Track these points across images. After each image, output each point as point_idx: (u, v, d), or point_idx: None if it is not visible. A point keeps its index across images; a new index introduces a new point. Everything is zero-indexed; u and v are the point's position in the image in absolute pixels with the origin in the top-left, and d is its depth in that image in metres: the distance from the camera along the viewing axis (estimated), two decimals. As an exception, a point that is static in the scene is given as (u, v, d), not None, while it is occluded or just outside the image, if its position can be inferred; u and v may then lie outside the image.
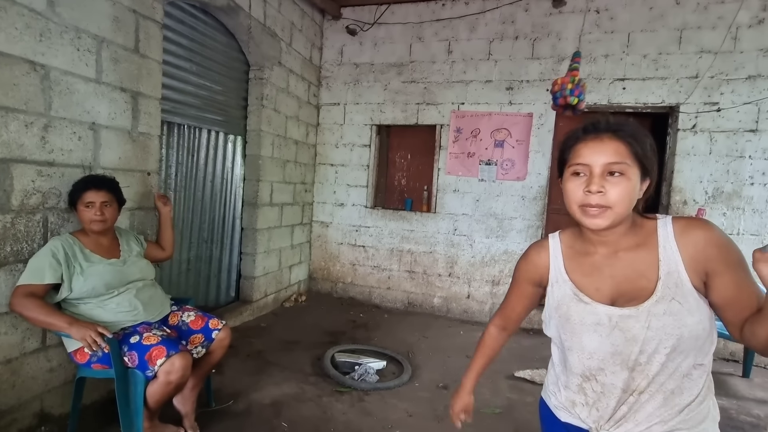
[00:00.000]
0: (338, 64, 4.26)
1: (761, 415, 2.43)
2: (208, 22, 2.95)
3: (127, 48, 2.13)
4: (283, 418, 2.09)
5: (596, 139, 0.79)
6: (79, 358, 1.68)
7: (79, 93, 1.91)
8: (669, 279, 0.77)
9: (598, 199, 0.76)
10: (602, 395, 0.83)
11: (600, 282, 0.83)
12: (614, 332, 0.80)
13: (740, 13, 3.16)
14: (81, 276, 1.66)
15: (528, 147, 3.73)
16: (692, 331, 0.75)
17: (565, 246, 0.91)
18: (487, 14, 3.77)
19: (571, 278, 0.87)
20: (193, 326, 1.91)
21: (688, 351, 0.77)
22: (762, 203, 3.22)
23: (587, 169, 0.78)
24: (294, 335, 3.22)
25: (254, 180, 3.49)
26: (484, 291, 3.92)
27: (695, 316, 0.75)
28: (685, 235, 0.77)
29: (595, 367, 0.83)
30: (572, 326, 0.85)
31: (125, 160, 2.17)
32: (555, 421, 0.93)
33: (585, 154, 0.79)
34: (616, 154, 0.76)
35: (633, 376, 0.80)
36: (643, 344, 0.78)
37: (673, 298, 0.76)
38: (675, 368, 0.78)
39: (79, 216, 1.76)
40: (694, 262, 0.75)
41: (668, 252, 0.78)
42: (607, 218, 0.77)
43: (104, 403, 2.02)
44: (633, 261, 0.81)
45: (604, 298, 0.82)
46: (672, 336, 0.75)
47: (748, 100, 3.20)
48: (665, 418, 0.79)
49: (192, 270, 3.07)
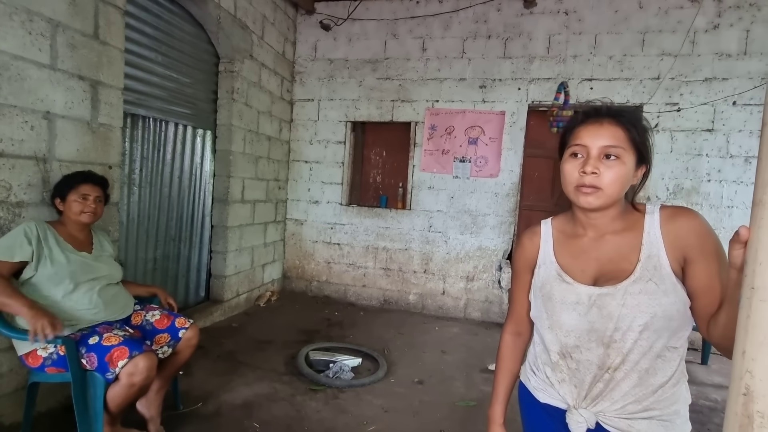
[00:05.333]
0: (312, 59, 4.20)
1: (718, 399, 2.56)
2: (175, 11, 2.84)
3: (85, 34, 2.01)
4: (254, 418, 2.03)
5: (596, 122, 0.81)
6: (31, 362, 1.57)
7: (31, 79, 1.79)
8: (648, 262, 0.79)
9: (592, 179, 0.78)
10: (577, 372, 0.85)
11: (585, 264, 0.86)
12: (592, 310, 0.82)
13: (697, 19, 3.33)
14: (48, 260, 1.60)
15: (501, 144, 3.80)
16: (666, 311, 0.77)
17: (556, 231, 0.94)
18: (461, 13, 3.81)
19: (558, 260, 0.90)
20: (158, 325, 1.83)
21: (661, 330, 0.79)
22: (718, 199, 3.40)
23: (585, 151, 0.81)
24: (267, 335, 3.15)
25: (225, 176, 3.38)
26: (458, 287, 3.96)
27: (670, 297, 0.78)
28: (669, 222, 0.80)
29: (572, 344, 0.86)
30: (553, 305, 0.87)
31: (84, 152, 2.05)
32: (534, 402, 0.94)
33: (583, 136, 0.81)
34: (613, 138, 0.79)
35: (608, 353, 0.82)
36: (618, 321, 0.80)
37: (650, 279, 0.78)
38: (648, 347, 0.80)
39: (67, 207, 1.71)
40: (674, 247, 0.78)
41: (651, 237, 0.80)
42: (598, 198, 0.79)
43: (61, 409, 1.91)
44: (618, 244, 0.83)
45: (587, 279, 0.85)
46: (645, 314, 0.78)
47: (705, 101, 3.37)
48: (639, 397, 0.81)
49: (159, 269, 2.94)
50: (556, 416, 0.89)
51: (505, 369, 1.02)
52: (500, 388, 1.02)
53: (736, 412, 0.54)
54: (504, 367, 1.03)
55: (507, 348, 1.03)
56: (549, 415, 0.91)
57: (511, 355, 1.03)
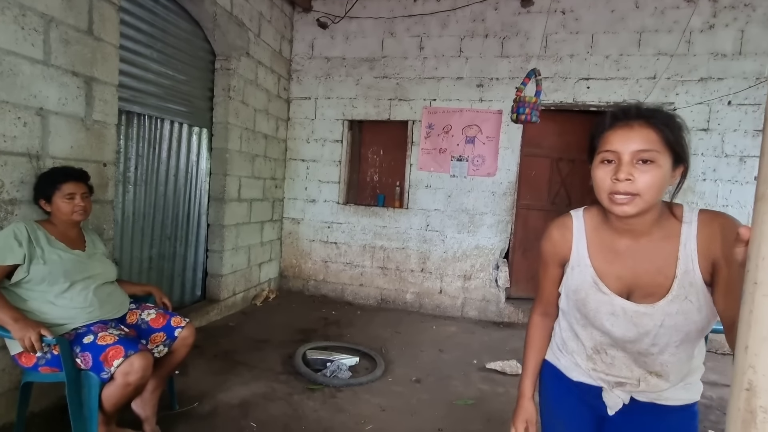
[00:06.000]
0: (309, 57, 4.18)
1: (714, 396, 2.58)
2: (170, 7, 2.81)
3: (79, 29, 1.99)
4: (251, 418, 2.02)
5: (626, 126, 0.77)
6: (24, 362, 1.55)
7: (24, 75, 1.76)
8: (685, 278, 0.78)
9: (627, 186, 0.75)
10: (612, 366, 0.89)
11: (621, 271, 0.84)
12: (629, 324, 0.84)
13: (693, 19, 3.34)
14: (41, 259, 1.57)
15: (498, 143, 3.80)
16: (698, 326, 0.81)
17: (589, 228, 0.90)
18: (458, 11, 3.81)
19: (594, 264, 0.87)
20: (153, 324, 1.81)
21: (695, 340, 0.84)
22: (713, 198, 3.42)
23: (616, 156, 0.77)
24: (264, 334, 3.13)
25: (221, 174, 3.36)
26: (456, 286, 3.96)
27: (703, 312, 0.79)
28: (704, 230, 0.78)
29: (607, 343, 0.89)
30: (587, 311, 0.88)
31: (78, 149, 2.03)
32: (563, 379, 0.98)
33: (614, 141, 0.77)
34: (646, 141, 0.75)
35: (644, 360, 0.86)
36: (655, 338, 0.83)
37: (686, 297, 0.78)
38: (684, 354, 0.85)
39: (55, 208, 1.67)
40: (704, 256, 0.78)
41: (687, 250, 0.79)
42: (635, 206, 0.76)
43: (55, 410, 1.88)
44: (654, 254, 0.81)
45: (622, 288, 0.84)
46: (682, 332, 0.81)
47: (701, 101, 3.39)
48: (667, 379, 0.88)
49: (154, 268, 2.92)
50: (587, 392, 0.94)
51: (534, 347, 1.06)
52: (530, 363, 1.05)
53: (738, 408, 0.54)
54: (533, 346, 1.06)
55: (536, 328, 1.06)
56: (580, 390, 0.95)
57: (540, 335, 1.06)
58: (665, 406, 0.89)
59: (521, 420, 1.03)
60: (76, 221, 1.73)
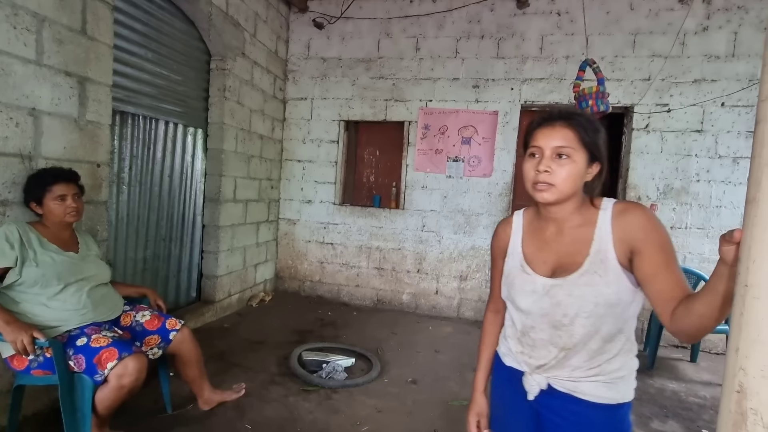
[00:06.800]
0: (305, 57, 4.18)
1: (707, 396, 2.60)
2: (165, 7, 2.80)
3: (72, 29, 1.97)
4: (246, 419, 2.01)
5: (549, 126, 0.90)
6: (16, 365, 1.54)
7: (16, 75, 1.75)
8: (596, 256, 0.88)
9: (545, 177, 0.87)
10: (534, 348, 0.96)
11: (547, 255, 0.95)
12: (544, 298, 0.92)
13: (687, 21, 3.36)
14: (33, 262, 1.56)
15: (494, 144, 3.81)
16: (607, 300, 0.86)
17: (526, 222, 1.03)
18: (454, 12, 3.82)
19: (524, 251, 0.99)
20: (148, 327, 1.80)
21: (605, 316, 0.88)
22: (707, 199, 3.44)
23: (540, 151, 0.90)
24: (259, 335, 3.12)
25: (216, 175, 3.35)
26: (452, 286, 3.97)
27: (612, 288, 0.86)
28: (619, 217, 0.87)
29: (529, 325, 0.96)
30: (515, 291, 0.98)
31: (71, 150, 2.01)
32: (501, 365, 1.07)
33: (539, 138, 0.90)
34: (564, 139, 0.87)
35: (559, 335, 0.92)
36: (566, 308, 0.90)
37: (595, 272, 0.87)
38: (595, 331, 0.89)
39: (47, 210, 1.65)
40: (621, 241, 0.86)
41: (602, 232, 0.88)
42: (552, 194, 0.88)
43: (48, 413, 1.87)
44: (575, 238, 0.92)
45: (547, 270, 0.94)
46: (589, 303, 0.87)
47: (695, 102, 3.41)
48: (586, 368, 0.92)
49: (149, 270, 2.90)
50: (516, 377, 1.01)
51: (485, 342, 1.14)
52: (481, 358, 1.14)
53: (729, 410, 0.54)
54: (485, 340, 1.15)
55: (488, 323, 1.15)
56: (511, 375, 1.02)
57: (491, 329, 1.14)
58: (585, 401, 0.91)
59: (473, 414, 1.12)
60: (69, 223, 1.71)
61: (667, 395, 2.58)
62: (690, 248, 3.46)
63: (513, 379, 1.01)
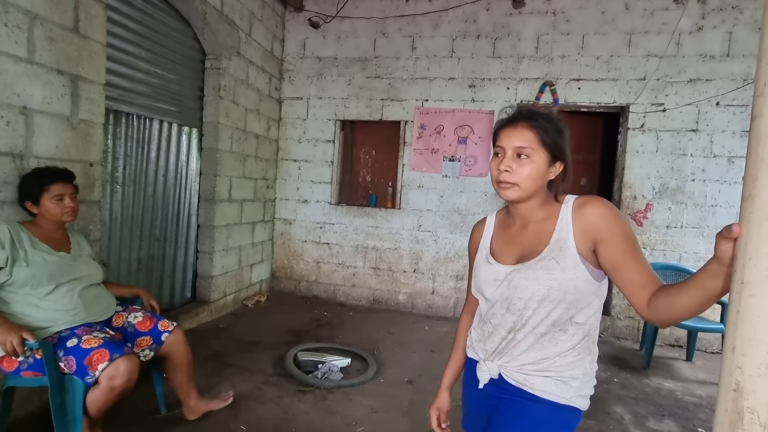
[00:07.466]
0: (301, 57, 4.16)
1: (703, 395, 2.60)
2: (159, 6, 2.78)
3: (64, 27, 1.95)
4: (241, 420, 2.00)
5: (511, 126, 0.92)
6: (5, 366, 1.51)
7: (7, 73, 1.72)
8: (556, 244, 0.90)
9: (506, 176, 0.91)
10: (492, 334, 0.99)
11: (513, 248, 0.99)
12: (503, 284, 0.96)
13: (682, 20, 3.38)
14: (24, 262, 1.53)
15: (490, 143, 3.81)
16: (561, 285, 0.88)
17: (497, 221, 1.07)
18: (450, 12, 3.81)
19: (492, 246, 1.03)
20: (140, 328, 1.78)
21: (558, 302, 0.89)
22: (702, 198, 3.45)
23: (503, 151, 0.92)
24: (255, 336, 3.10)
25: (211, 174, 3.33)
26: (448, 286, 3.96)
27: (567, 274, 0.88)
28: (579, 210, 0.90)
29: (490, 312, 0.99)
30: (480, 282, 1.02)
31: (63, 149, 1.99)
32: (468, 360, 1.11)
33: (502, 138, 0.93)
34: (524, 140, 0.90)
35: (513, 318, 0.95)
36: (521, 291, 0.92)
37: (552, 258, 0.90)
38: (546, 314, 0.91)
39: (44, 210, 1.63)
40: (582, 232, 0.88)
41: (563, 223, 0.91)
42: (514, 192, 0.91)
43: (39, 415, 1.84)
44: (538, 231, 0.95)
45: (511, 261, 0.97)
46: (543, 286, 0.89)
47: (690, 102, 3.43)
48: (536, 360, 0.93)
49: (143, 270, 2.88)
50: (472, 367, 1.04)
51: (456, 342, 1.17)
52: (451, 357, 1.17)
53: (726, 408, 0.54)
54: (456, 340, 1.17)
55: (462, 324, 1.18)
56: (471, 366, 1.05)
57: (464, 330, 1.16)
58: (532, 395, 0.92)
59: (434, 408, 1.16)
60: (65, 222, 1.70)
61: (663, 394, 2.58)
62: (686, 247, 3.47)
63: (472, 370, 1.04)
